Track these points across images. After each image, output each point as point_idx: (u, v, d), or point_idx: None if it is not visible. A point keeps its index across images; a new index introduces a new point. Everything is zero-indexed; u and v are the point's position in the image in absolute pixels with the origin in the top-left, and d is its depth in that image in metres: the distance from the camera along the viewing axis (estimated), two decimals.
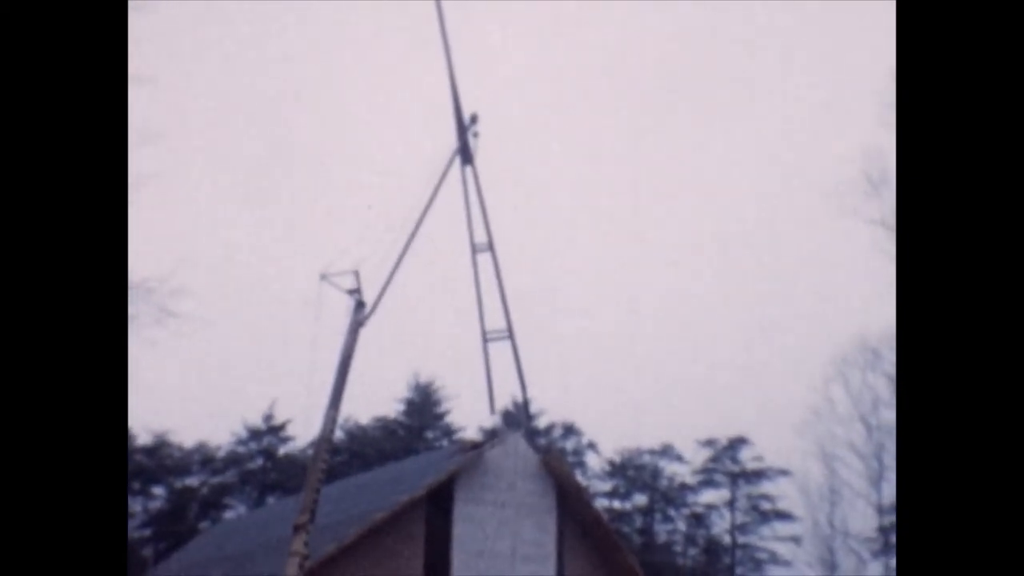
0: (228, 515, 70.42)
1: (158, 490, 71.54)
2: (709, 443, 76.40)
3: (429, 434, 76.33)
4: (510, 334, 33.27)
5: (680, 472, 77.64)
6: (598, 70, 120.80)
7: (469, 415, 72.68)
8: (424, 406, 77.10)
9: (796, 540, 69.76)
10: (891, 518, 48.91)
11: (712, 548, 76.52)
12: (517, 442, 35.11)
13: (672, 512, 77.88)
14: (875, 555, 52.49)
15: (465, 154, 33.35)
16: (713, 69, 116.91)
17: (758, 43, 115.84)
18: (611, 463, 77.62)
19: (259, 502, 69.73)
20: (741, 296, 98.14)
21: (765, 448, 74.25)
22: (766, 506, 74.90)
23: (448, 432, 75.40)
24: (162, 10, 22.03)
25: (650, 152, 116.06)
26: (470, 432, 66.44)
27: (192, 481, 72.80)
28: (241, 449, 73.88)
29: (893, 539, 46.68)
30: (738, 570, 74.57)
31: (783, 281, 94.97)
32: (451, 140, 33.30)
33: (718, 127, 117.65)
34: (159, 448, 71.34)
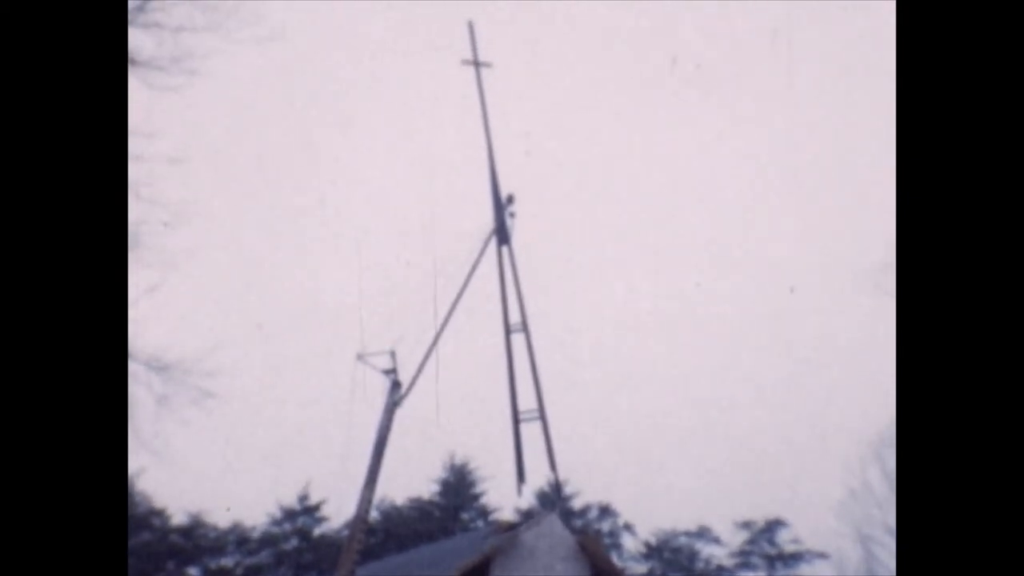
0: None
1: (193, 571, 71.42)
2: (746, 525, 75.81)
3: (464, 515, 76.02)
4: (541, 415, 33.25)
5: (717, 554, 76.95)
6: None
7: (504, 496, 72.43)
8: (459, 487, 76.84)
9: None
10: None
11: None
12: (553, 523, 35.01)
13: None
14: None
15: (502, 234, 33.58)
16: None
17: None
18: (647, 545, 77.01)
19: None
20: (776, 376, 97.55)
21: (802, 530, 73.59)
22: None
23: (483, 513, 75.06)
24: (191, 90, 22.45)
25: (680, 227, 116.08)
26: (505, 513, 66.23)
27: (227, 562, 72.62)
28: (276, 529, 73.74)
29: None
30: None
31: (818, 361, 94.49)
32: (488, 219, 33.58)
33: (751, 201, 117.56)
34: (194, 528, 71.34)
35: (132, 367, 22.55)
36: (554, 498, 47.58)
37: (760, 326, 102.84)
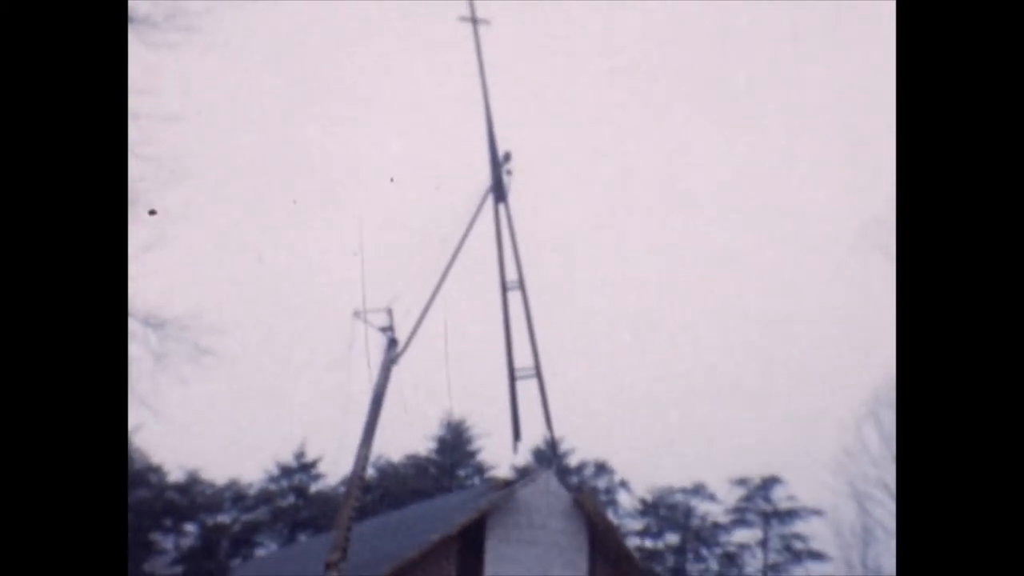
0: (259, 552, 70.45)
1: (190, 527, 71.65)
2: (742, 482, 76.11)
3: (461, 472, 76.25)
4: (537, 372, 33.21)
5: (712, 511, 77.33)
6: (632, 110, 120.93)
7: (501, 453, 72.65)
8: (456, 444, 77.05)
9: None
10: None
11: None
12: (549, 480, 35.09)
13: (704, 551, 77.45)
14: None
15: (499, 191, 33.45)
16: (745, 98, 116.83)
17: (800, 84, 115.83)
18: (643, 502, 77.37)
19: (290, 539, 69.77)
20: (773, 335, 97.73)
21: (798, 488, 73.93)
22: (799, 546, 74.42)
23: (480, 470, 75.31)
24: (188, 48, 22.26)
25: (681, 191, 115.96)
26: (502, 470, 66.41)
27: (224, 518, 72.88)
28: (272, 486, 73.98)
29: None
30: None
31: (816, 319, 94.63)
32: (485, 177, 33.45)
33: (749, 160, 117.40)
34: (191, 485, 71.55)
35: (130, 324, 22.51)
36: (550, 455, 47.76)
37: (756, 285, 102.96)
